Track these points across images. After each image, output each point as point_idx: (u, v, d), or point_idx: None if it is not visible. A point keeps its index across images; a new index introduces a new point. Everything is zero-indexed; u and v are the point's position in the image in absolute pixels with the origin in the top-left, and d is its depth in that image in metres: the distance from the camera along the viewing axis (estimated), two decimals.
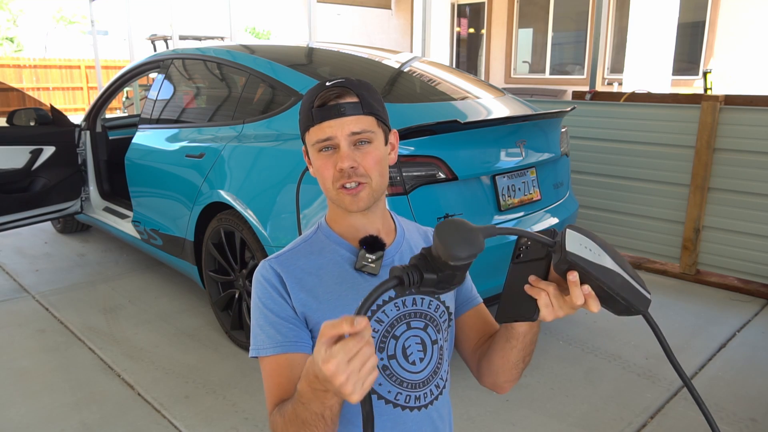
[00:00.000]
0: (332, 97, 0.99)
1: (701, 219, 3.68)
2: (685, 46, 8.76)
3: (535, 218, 2.76)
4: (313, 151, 1.03)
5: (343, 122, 0.99)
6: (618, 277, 0.80)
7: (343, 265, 1.05)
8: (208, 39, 11.98)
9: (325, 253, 1.07)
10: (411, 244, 1.13)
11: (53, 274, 4.00)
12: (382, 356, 1.04)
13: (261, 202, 2.62)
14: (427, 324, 1.08)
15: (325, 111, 0.99)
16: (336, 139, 0.99)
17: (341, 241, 1.07)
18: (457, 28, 12.08)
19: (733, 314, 3.29)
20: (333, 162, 1.00)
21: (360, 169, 1.00)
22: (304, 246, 1.09)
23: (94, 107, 4.19)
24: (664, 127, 3.75)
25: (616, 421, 2.34)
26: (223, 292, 3.02)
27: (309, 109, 1.01)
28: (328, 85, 1.01)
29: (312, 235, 1.11)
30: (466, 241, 0.74)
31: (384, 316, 1.04)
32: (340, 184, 1.01)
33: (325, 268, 1.05)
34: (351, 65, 3.35)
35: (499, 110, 2.90)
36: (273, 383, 1.00)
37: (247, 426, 2.33)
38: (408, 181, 2.31)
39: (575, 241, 0.80)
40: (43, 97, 16.27)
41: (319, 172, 1.03)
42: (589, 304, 0.82)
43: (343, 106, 0.99)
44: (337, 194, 1.02)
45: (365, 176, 1.01)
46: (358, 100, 1.00)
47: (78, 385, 2.63)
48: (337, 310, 1.01)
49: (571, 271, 0.80)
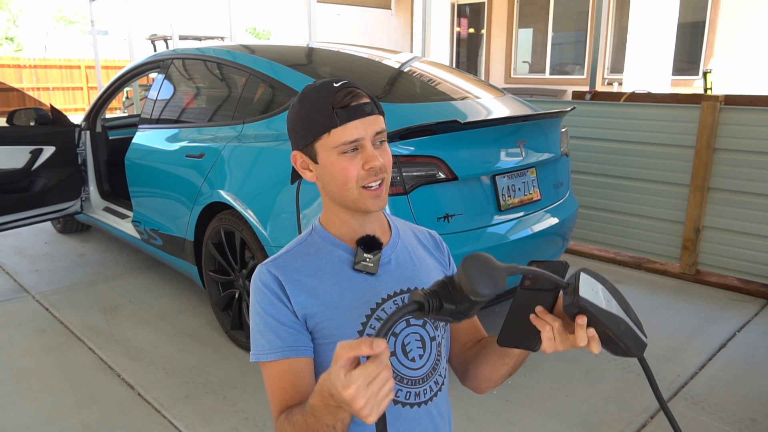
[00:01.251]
0: (351, 98, 0.99)
1: (701, 219, 3.68)
2: (685, 46, 8.76)
3: (535, 218, 2.76)
4: (330, 154, 1.01)
5: (367, 122, 0.99)
6: (622, 324, 0.84)
7: (341, 266, 1.06)
8: (208, 39, 11.97)
9: (322, 254, 1.07)
10: (406, 244, 1.14)
11: (53, 274, 4.00)
12: None
13: (261, 202, 2.62)
14: (425, 321, 1.09)
15: (351, 111, 0.98)
16: (363, 139, 0.99)
17: (338, 242, 1.08)
18: (457, 28, 12.08)
19: (733, 314, 3.29)
20: (357, 162, 1.00)
21: (384, 167, 1.02)
22: (300, 248, 1.09)
23: (94, 107, 4.19)
24: (664, 127, 3.75)
25: (616, 421, 2.34)
26: (223, 292, 3.02)
27: (329, 111, 0.98)
28: (336, 86, 1.00)
29: (307, 236, 1.11)
30: (491, 279, 0.75)
31: (384, 315, 1.05)
32: (366, 183, 1.01)
33: (323, 269, 1.05)
34: (351, 65, 3.35)
35: (499, 110, 2.90)
36: (277, 389, 1.00)
37: (247, 426, 2.33)
38: (408, 181, 2.31)
39: (588, 285, 0.83)
40: (43, 97, 16.27)
41: (341, 173, 1.01)
42: (591, 346, 0.85)
43: (365, 106, 0.99)
44: (359, 195, 1.02)
45: (386, 172, 1.03)
46: (370, 101, 1.01)
47: (78, 385, 2.63)
48: (337, 310, 1.02)
49: (580, 314, 0.83)
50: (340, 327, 1.02)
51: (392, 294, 1.06)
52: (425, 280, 1.11)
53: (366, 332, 1.03)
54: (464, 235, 2.46)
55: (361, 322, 1.03)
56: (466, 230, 2.46)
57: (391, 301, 1.06)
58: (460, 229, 2.44)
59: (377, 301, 1.04)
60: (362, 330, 1.03)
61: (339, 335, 1.01)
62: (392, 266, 1.09)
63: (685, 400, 2.47)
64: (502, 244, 2.58)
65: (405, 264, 1.11)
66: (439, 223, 2.38)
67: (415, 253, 1.15)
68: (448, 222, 2.40)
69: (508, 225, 2.63)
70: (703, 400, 2.46)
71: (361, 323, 1.03)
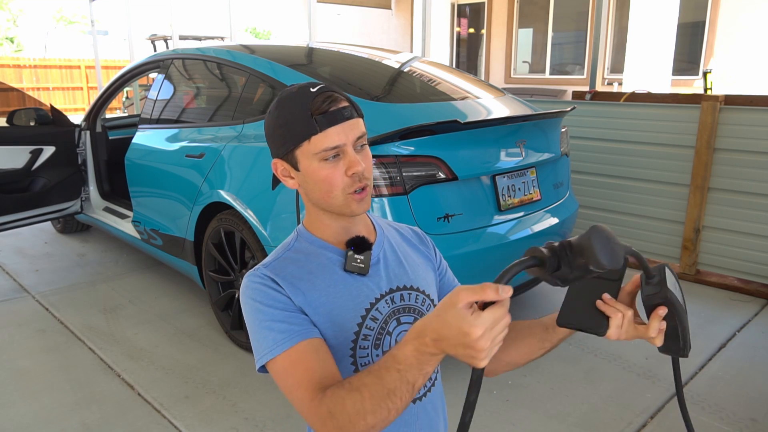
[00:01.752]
0: (330, 103, 0.97)
1: (701, 219, 3.68)
2: (685, 46, 8.76)
3: (535, 218, 2.76)
4: (311, 161, 0.99)
5: (347, 127, 0.98)
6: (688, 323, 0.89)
7: (333, 268, 1.05)
8: (208, 39, 11.97)
9: (312, 257, 1.06)
10: (391, 242, 1.14)
11: (53, 274, 4.00)
12: (378, 353, 1.05)
13: (261, 202, 2.62)
14: (416, 318, 1.09)
15: (330, 117, 0.96)
16: (345, 145, 0.97)
17: (326, 245, 1.07)
18: (457, 28, 12.08)
19: (733, 314, 3.29)
20: (340, 169, 0.98)
21: (365, 171, 1.00)
22: (288, 254, 1.07)
23: (94, 107, 4.19)
24: (664, 127, 3.75)
25: (616, 421, 2.34)
26: (223, 292, 3.02)
27: (307, 117, 0.96)
28: (314, 90, 0.98)
29: (293, 242, 1.10)
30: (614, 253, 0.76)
31: (378, 314, 1.05)
32: (352, 190, 0.99)
33: (315, 273, 1.04)
34: (351, 65, 3.35)
35: (499, 110, 2.90)
36: (301, 370, 0.91)
37: (247, 426, 2.33)
38: (408, 181, 2.31)
39: (672, 281, 0.87)
40: (43, 97, 16.27)
41: (325, 182, 0.99)
42: (657, 339, 0.87)
43: (344, 111, 0.97)
44: (345, 200, 1.00)
45: (368, 178, 1.02)
46: (349, 104, 0.99)
47: (78, 385, 2.63)
48: (333, 313, 1.01)
49: (661, 306, 0.86)
50: (339, 327, 1.01)
51: (384, 293, 1.06)
52: (413, 276, 1.11)
53: (362, 333, 1.02)
54: (464, 235, 2.46)
55: (357, 323, 1.02)
56: (466, 230, 2.46)
57: (383, 300, 1.06)
58: (460, 229, 2.44)
59: (371, 301, 1.04)
60: (358, 331, 1.02)
61: (337, 335, 1.01)
62: (381, 265, 1.09)
63: (685, 400, 2.47)
64: (502, 244, 2.58)
65: (393, 262, 1.11)
66: (439, 223, 2.38)
67: (401, 250, 1.15)
68: (448, 222, 2.40)
69: (508, 225, 2.63)
70: (703, 400, 2.46)
71: (357, 324, 1.02)
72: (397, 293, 1.08)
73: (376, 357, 1.04)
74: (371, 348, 1.04)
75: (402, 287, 1.09)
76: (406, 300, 1.09)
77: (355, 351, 1.03)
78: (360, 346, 1.03)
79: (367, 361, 1.04)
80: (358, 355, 1.03)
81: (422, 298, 1.11)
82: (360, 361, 1.03)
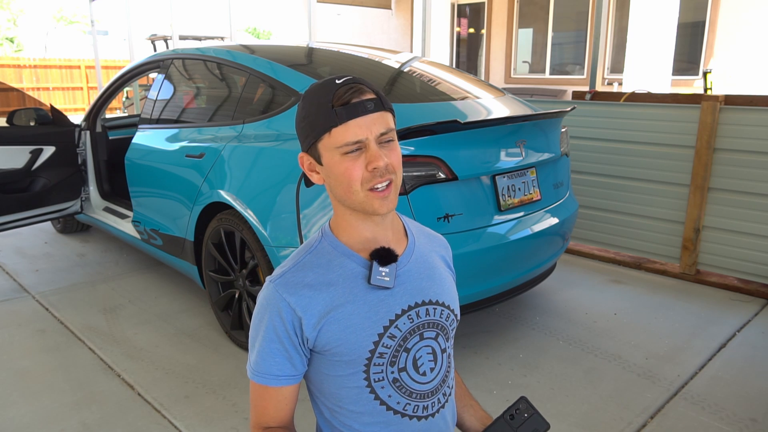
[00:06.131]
0: (352, 94, 0.93)
1: (701, 219, 3.68)
2: (685, 46, 8.77)
3: (535, 218, 2.76)
4: (334, 156, 0.95)
5: (370, 120, 0.93)
6: None
7: (354, 281, 1.00)
8: (208, 39, 11.98)
9: (333, 266, 1.01)
10: (422, 251, 1.10)
11: (53, 274, 4.00)
12: (393, 370, 1.02)
13: (261, 202, 2.62)
14: (438, 333, 1.07)
15: (351, 109, 0.92)
16: (367, 140, 0.93)
17: (350, 253, 1.02)
18: (457, 28, 12.08)
19: (733, 314, 3.29)
20: (361, 163, 0.94)
21: (390, 166, 0.97)
22: (308, 258, 1.03)
23: (94, 107, 4.19)
24: (664, 127, 3.75)
25: (616, 421, 2.34)
26: (223, 292, 3.02)
27: (329, 109, 0.93)
28: (339, 82, 0.94)
29: (317, 244, 1.05)
30: None
31: (397, 331, 1.01)
32: (372, 185, 0.95)
33: (335, 284, 1.00)
34: (351, 65, 3.35)
35: (499, 110, 2.90)
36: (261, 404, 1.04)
37: (246, 426, 2.33)
38: (408, 181, 2.32)
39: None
40: (43, 97, 16.27)
41: (344, 175, 0.95)
42: None
43: (368, 103, 0.93)
44: (366, 197, 0.96)
45: (394, 173, 0.98)
46: (376, 97, 0.95)
47: (78, 385, 2.63)
48: (349, 329, 0.99)
49: None
50: (352, 345, 0.99)
51: (407, 308, 1.02)
52: (439, 290, 1.08)
53: (378, 351, 1.00)
54: (464, 235, 2.46)
55: (373, 341, 1.00)
56: (466, 230, 2.46)
57: (405, 316, 1.02)
58: (460, 229, 2.44)
59: (391, 318, 1.01)
60: (374, 349, 1.00)
61: (350, 353, 0.99)
62: (407, 278, 1.04)
63: (685, 400, 2.47)
64: (502, 244, 2.58)
65: (420, 275, 1.06)
66: (439, 223, 2.38)
67: (430, 260, 1.10)
68: (448, 222, 2.40)
69: (508, 225, 2.63)
70: (703, 400, 2.46)
71: (373, 342, 1.00)
72: (422, 308, 1.04)
73: (390, 374, 1.02)
74: (386, 365, 1.01)
75: (427, 302, 1.05)
76: (431, 315, 1.05)
77: (368, 367, 1.00)
78: (374, 363, 1.01)
79: (381, 377, 1.01)
80: (371, 372, 1.01)
81: (447, 313, 1.08)
82: (373, 377, 1.01)
